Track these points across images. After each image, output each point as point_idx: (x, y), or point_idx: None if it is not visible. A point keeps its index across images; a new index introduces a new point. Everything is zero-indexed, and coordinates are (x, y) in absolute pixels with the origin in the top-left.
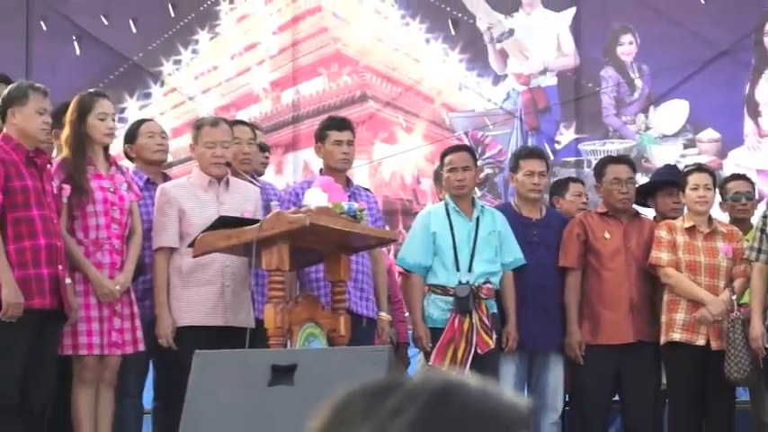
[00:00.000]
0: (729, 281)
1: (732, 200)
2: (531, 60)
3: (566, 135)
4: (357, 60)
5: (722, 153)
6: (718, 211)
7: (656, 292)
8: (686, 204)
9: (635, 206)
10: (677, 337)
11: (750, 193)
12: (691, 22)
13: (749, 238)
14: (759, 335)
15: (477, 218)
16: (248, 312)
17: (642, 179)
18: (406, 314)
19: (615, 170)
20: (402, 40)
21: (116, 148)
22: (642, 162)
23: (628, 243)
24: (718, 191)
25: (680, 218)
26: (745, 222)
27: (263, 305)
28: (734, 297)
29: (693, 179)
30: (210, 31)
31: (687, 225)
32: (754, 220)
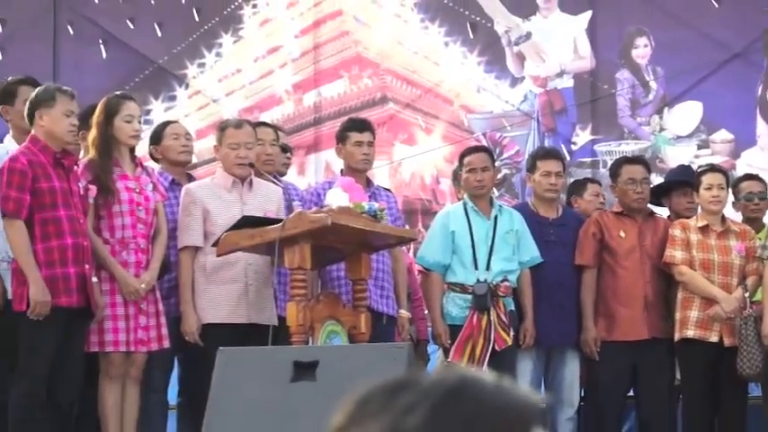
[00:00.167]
0: (742, 278)
1: (745, 199)
2: (548, 63)
3: (582, 136)
4: (377, 63)
5: (735, 153)
6: (731, 210)
7: (670, 290)
8: (700, 204)
9: (650, 206)
10: (691, 333)
11: (763, 193)
12: (704, 25)
13: (761, 237)
14: None
15: (495, 217)
16: (271, 310)
17: (657, 179)
18: (426, 312)
19: (630, 170)
20: (421, 43)
21: (142, 149)
22: (657, 162)
23: (642, 242)
24: (731, 191)
25: (694, 217)
26: (757, 221)
27: (285, 303)
28: (746, 294)
29: (707, 179)
30: (234, 34)
31: (701, 224)
32: (767, 219)
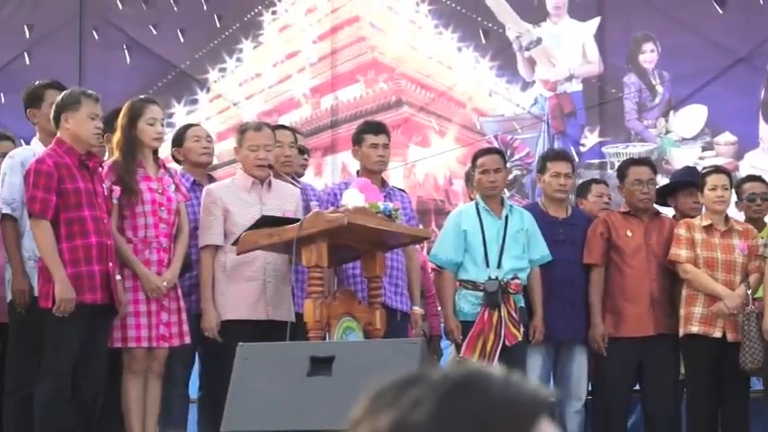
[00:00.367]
0: (745, 276)
1: (748, 200)
2: (558, 67)
3: (590, 138)
4: (393, 68)
5: (738, 155)
6: (734, 210)
7: (675, 287)
8: (704, 204)
9: (655, 206)
10: (695, 329)
11: (765, 194)
12: (709, 31)
13: (763, 236)
14: None
15: (506, 216)
16: (289, 307)
17: (662, 180)
18: (439, 308)
19: (637, 172)
20: (435, 48)
21: (164, 151)
22: (663, 164)
23: (649, 241)
24: (734, 191)
25: (698, 216)
26: (759, 221)
27: (302, 300)
28: (749, 291)
29: (711, 180)
30: (254, 40)
31: (705, 223)
32: None
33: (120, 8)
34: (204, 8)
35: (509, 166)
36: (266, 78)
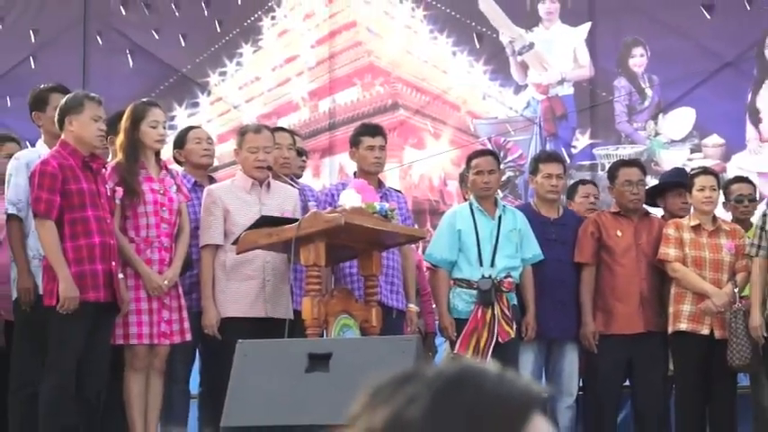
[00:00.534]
0: (732, 275)
1: (735, 201)
2: (550, 71)
3: (581, 140)
4: (389, 72)
5: (726, 157)
6: (721, 210)
7: (664, 286)
8: (693, 204)
9: (645, 206)
10: (684, 326)
11: (752, 195)
12: (697, 36)
13: (750, 235)
14: (758, 324)
15: (500, 217)
16: (287, 305)
17: (652, 181)
18: (433, 306)
19: (627, 173)
20: (430, 52)
21: (166, 153)
22: (652, 165)
23: (638, 240)
24: (722, 192)
25: (686, 217)
26: (746, 221)
27: (300, 298)
28: (736, 290)
29: (700, 181)
30: (253, 44)
31: (693, 223)
32: (755, 218)
33: (124, 13)
34: (205, 13)
35: (502, 167)
36: (265, 82)
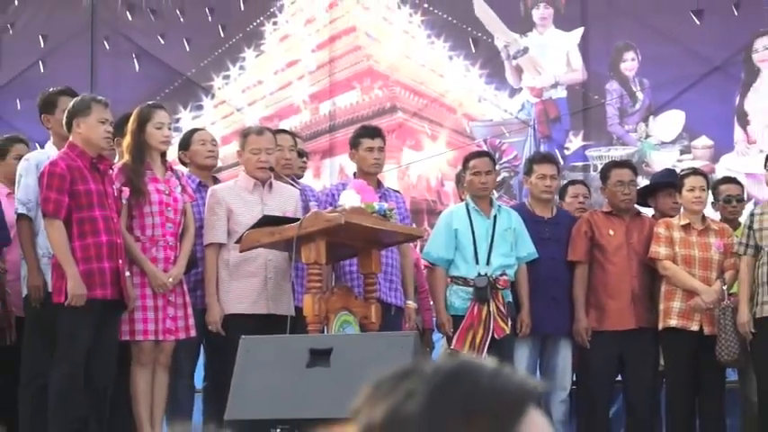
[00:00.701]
0: (720, 273)
1: (724, 201)
2: (544, 75)
3: (574, 142)
4: (387, 75)
5: (715, 158)
6: (710, 210)
7: (654, 283)
8: (683, 204)
9: (636, 206)
10: (674, 323)
11: (740, 196)
12: (687, 40)
13: (738, 235)
14: (746, 321)
15: (495, 216)
16: (289, 301)
17: (643, 182)
18: (431, 303)
19: (619, 174)
20: (428, 57)
21: (171, 154)
22: (643, 166)
23: (630, 239)
24: (710, 192)
25: (676, 216)
26: (734, 221)
27: (302, 295)
28: (724, 287)
29: (689, 182)
30: (256, 49)
31: (683, 223)
32: (743, 218)
33: (130, 19)
34: (209, 19)
35: (498, 168)
36: (268, 85)
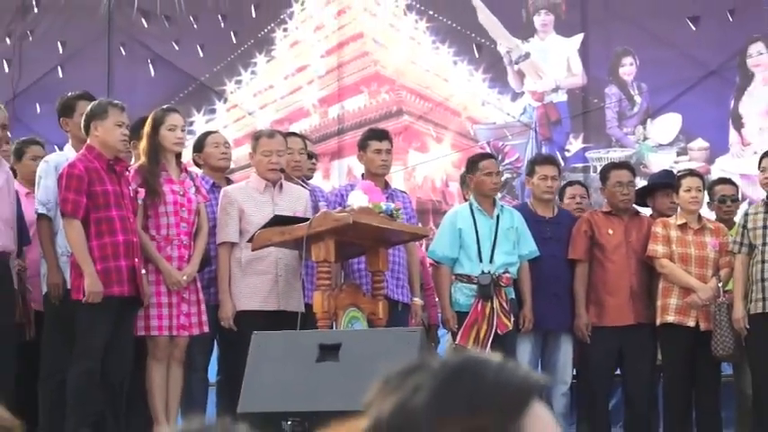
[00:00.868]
0: (716, 270)
1: (719, 201)
2: (545, 80)
3: (574, 144)
4: (394, 80)
5: (710, 160)
6: (706, 209)
7: (652, 281)
8: (679, 204)
9: (635, 206)
10: (671, 319)
11: (734, 196)
12: (683, 45)
13: (733, 234)
14: (741, 317)
15: (498, 216)
16: (299, 298)
17: (641, 182)
18: (436, 300)
19: (617, 175)
20: (433, 62)
21: (186, 156)
22: (641, 168)
23: (628, 238)
24: (706, 193)
25: (673, 216)
26: (729, 221)
27: (311, 292)
28: (720, 284)
29: (686, 182)
30: (267, 54)
31: (680, 222)
32: (737, 218)
33: (145, 26)
34: (222, 26)
35: (501, 169)
36: (278, 90)
